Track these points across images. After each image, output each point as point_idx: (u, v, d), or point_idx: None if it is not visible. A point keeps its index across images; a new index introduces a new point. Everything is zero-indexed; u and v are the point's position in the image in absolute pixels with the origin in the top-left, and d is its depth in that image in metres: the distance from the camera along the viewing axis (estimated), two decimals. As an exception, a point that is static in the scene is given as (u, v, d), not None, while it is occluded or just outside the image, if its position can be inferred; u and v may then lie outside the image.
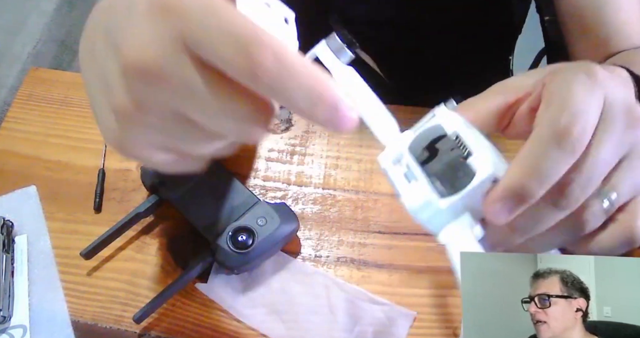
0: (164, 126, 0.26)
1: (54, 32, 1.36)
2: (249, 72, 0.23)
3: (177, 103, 0.25)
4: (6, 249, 0.52)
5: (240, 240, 0.49)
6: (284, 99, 0.24)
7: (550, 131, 0.29)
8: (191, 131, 0.26)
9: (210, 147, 0.28)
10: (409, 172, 0.29)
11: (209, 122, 0.25)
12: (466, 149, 0.30)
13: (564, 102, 0.30)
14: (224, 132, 0.25)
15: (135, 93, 0.25)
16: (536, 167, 0.29)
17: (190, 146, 0.28)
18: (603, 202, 0.31)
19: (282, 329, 0.49)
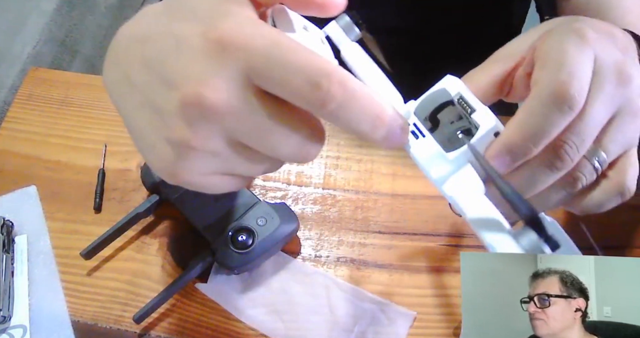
0: (222, 154, 0.27)
1: (54, 32, 1.36)
2: (319, 102, 0.25)
3: (238, 135, 0.26)
4: (6, 249, 0.52)
5: (240, 240, 0.49)
6: (346, 123, 0.26)
7: (548, 92, 0.30)
8: (249, 157, 0.28)
9: (264, 167, 0.29)
10: (416, 131, 0.31)
11: (269, 149, 0.27)
12: (469, 107, 0.31)
13: (558, 63, 0.30)
14: (282, 156, 0.27)
15: (197, 127, 0.26)
16: (533, 126, 0.30)
17: (245, 170, 0.29)
18: (594, 160, 0.32)
19: (282, 329, 0.49)
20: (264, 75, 0.25)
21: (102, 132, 0.61)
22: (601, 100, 0.31)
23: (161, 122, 0.27)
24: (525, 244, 0.29)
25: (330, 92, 0.25)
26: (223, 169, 0.29)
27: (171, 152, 0.27)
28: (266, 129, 0.26)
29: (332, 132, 0.60)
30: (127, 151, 0.59)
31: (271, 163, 0.29)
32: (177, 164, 0.28)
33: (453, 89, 0.32)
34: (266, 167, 0.29)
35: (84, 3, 1.46)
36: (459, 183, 0.31)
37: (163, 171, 0.29)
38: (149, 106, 0.27)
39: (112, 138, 0.60)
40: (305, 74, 0.24)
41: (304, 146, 0.27)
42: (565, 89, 0.29)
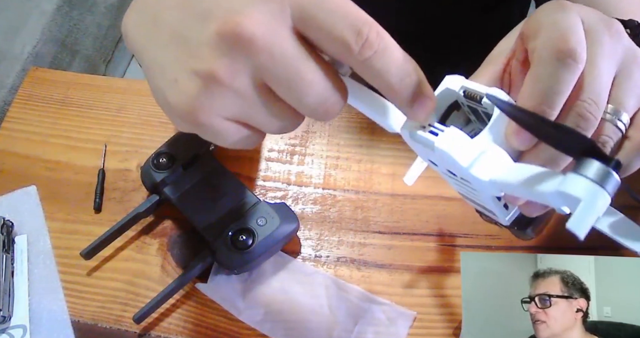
0: (246, 96, 0.27)
1: (54, 32, 1.36)
2: (357, 47, 0.26)
3: (268, 75, 0.26)
4: (6, 249, 0.52)
5: (240, 240, 0.49)
6: (377, 72, 0.27)
7: (548, 52, 0.30)
8: (271, 105, 0.28)
9: (281, 123, 0.29)
10: (434, 129, 0.31)
11: (295, 96, 0.27)
12: (478, 94, 0.31)
13: (550, 26, 0.31)
14: (306, 106, 0.27)
15: (228, 58, 0.26)
16: (543, 90, 0.30)
17: (264, 120, 0.29)
18: (615, 120, 0.32)
19: (282, 329, 0.49)
20: (310, 16, 0.26)
21: (102, 132, 0.61)
22: (602, 53, 0.31)
23: (189, 54, 0.27)
24: (592, 173, 0.26)
25: (370, 40, 0.26)
26: (242, 114, 0.28)
27: (195, 86, 0.27)
28: (296, 72, 0.26)
29: (332, 132, 0.60)
30: (127, 151, 0.59)
31: (290, 118, 0.29)
32: (198, 99, 0.27)
33: (455, 85, 0.32)
34: (284, 123, 0.29)
35: (84, 3, 1.46)
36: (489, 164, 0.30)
37: (181, 107, 0.28)
38: (178, 41, 0.27)
39: (112, 138, 0.60)
40: (349, 19, 0.26)
41: (328, 98, 0.27)
42: (564, 43, 0.30)
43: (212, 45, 0.26)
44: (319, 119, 0.28)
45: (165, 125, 0.61)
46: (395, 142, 0.59)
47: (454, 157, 0.30)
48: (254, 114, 0.28)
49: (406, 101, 0.28)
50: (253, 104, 0.28)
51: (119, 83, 0.65)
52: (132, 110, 0.62)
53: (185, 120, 0.28)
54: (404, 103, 0.28)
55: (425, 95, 0.28)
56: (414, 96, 0.28)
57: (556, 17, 0.31)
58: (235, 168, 0.57)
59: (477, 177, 0.30)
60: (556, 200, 0.27)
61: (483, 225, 0.54)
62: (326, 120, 0.29)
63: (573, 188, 0.26)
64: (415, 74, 0.28)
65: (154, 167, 0.53)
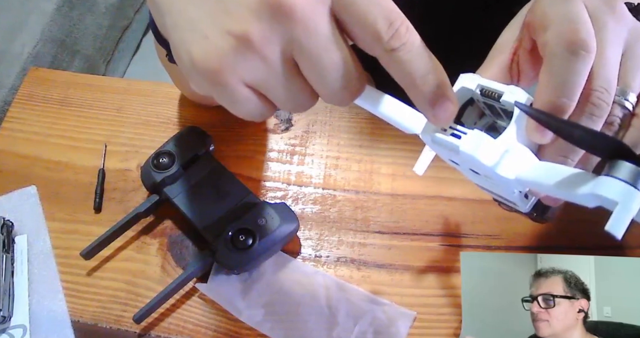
0: (272, 66, 0.28)
1: (54, 32, 1.36)
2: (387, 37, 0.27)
3: (298, 49, 0.27)
4: (6, 249, 0.52)
5: (240, 240, 0.49)
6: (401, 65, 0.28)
7: (560, 45, 0.31)
8: (292, 80, 0.28)
9: (295, 102, 0.30)
10: (456, 132, 0.31)
11: (318, 74, 0.28)
12: (495, 92, 0.32)
13: (557, 18, 0.31)
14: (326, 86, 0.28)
15: (265, 24, 0.27)
16: (560, 82, 0.30)
17: (281, 94, 0.29)
18: (622, 100, 0.33)
19: (282, 329, 0.49)
20: (350, 1, 0.27)
21: (101, 132, 0.61)
22: (609, 38, 0.32)
23: (226, 13, 0.27)
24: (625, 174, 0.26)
25: (399, 32, 0.27)
26: (263, 84, 0.29)
27: (226, 44, 0.27)
28: (326, 50, 0.27)
29: (332, 132, 0.60)
30: (127, 151, 0.59)
31: (306, 98, 0.29)
32: (226, 58, 0.27)
33: (471, 84, 0.32)
34: (299, 102, 0.30)
35: (84, 3, 1.46)
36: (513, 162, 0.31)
37: (207, 64, 0.28)
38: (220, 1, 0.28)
39: (111, 138, 0.60)
40: (384, 10, 0.27)
41: (350, 82, 0.28)
42: (575, 35, 0.30)
43: (252, 9, 0.27)
44: (334, 102, 0.29)
45: (165, 125, 0.61)
46: (395, 142, 0.59)
47: (479, 159, 0.30)
48: (274, 86, 0.29)
49: (428, 100, 0.28)
50: (277, 75, 0.28)
51: (119, 83, 0.65)
52: (132, 110, 0.62)
53: (206, 77, 0.28)
54: (425, 102, 0.29)
55: (448, 98, 0.29)
56: (436, 96, 0.28)
57: (562, 8, 0.32)
58: (235, 168, 0.57)
59: (503, 176, 0.30)
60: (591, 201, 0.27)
61: (483, 225, 0.54)
62: (340, 105, 0.30)
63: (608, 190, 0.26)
64: (439, 73, 0.28)
65: (154, 167, 0.53)
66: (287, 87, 0.29)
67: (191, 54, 0.28)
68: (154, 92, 0.63)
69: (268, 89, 0.29)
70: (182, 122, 0.61)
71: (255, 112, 0.30)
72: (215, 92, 0.29)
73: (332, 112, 0.61)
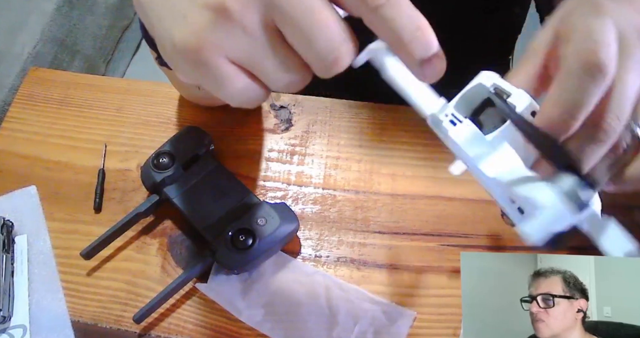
0: (254, 35, 0.27)
1: (54, 32, 1.36)
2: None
3: (279, 15, 0.26)
4: (6, 249, 0.52)
5: (240, 240, 0.49)
6: (387, 23, 0.26)
7: (578, 62, 0.30)
8: (277, 50, 0.27)
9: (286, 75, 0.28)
10: (454, 119, 0.32)
11: (304, 40, 0.26)
12: (505, 93, 0.32)
13: (582, 34, 0.31)
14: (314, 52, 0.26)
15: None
16: (569, 99, 0.30)
17: (269, 68, 0.28)
18: (633, 126, 0.32)
19: (282, 329, 0.49)
20: None
21: (101, 132, 0.61)
22: (632, 67, 0.31)
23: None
24: (565, 186, 0.28)
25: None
26: (248, 58, 0.27)
27: (204, 19, 0.26)
28: (310, 11, 0.25)
29: (332, 132, 0.60)
30: (127, 151, 0.59)
31: (297, 70, 0.28)
32: (205, 33, 0.26)
33: (488, 81, 0.33)
34: (290, 75, 0.28)
35: (84, 3, 1.46)
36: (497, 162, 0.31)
37: (187, 44, 0.27)
38: None
39: (111, 138, 0.60)
40: None
41: (340, 45, 0.26)
42: (594, 56, 0.30)
43: None
44: (325, 72, 0.27)
45: (165, 125, 0.61)
46: (395, 142, 0.59)
47: (463, 148, 0.30)
48: (259, 59, 0.27)
49: (416, 57, 0.27)
50: (260, 46, 0.27)
51: (119, 83, 0.65)
52: (132, 110, 0.62)
53: (188, 59, 0.27)
54: (413, 59, 0.27)
55: (437, 54, 0.27)
56: (425, 53, 0.27)
57: (590, 24, 0.31)
58: (235, 168, 0.57)
59: (483, 171, 0.31)
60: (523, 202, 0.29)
61: (483, 225, 0.54)
62: (332, 74, 0.27)
63: (538, 195, 0.28)
64: (426, 29, 0.27)
65: (154, 167, 0.53)
66: (273, 59, 0.27)
67: (173, 37, 0.27)
68: (154, 92, 0.63)
69: (253, 63, 0.28)
70: (182, 122, 0.61)
71: (246, 95, 0.29)
72: (201, 75, 0.28)
73: (332, 112, 0.61)
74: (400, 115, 0.61)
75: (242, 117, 0.61)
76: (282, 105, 0.62)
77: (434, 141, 0.58)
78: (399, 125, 0.60)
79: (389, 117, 0.61)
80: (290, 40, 0.27)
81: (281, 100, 0.62)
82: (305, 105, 0.62)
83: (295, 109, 0.61)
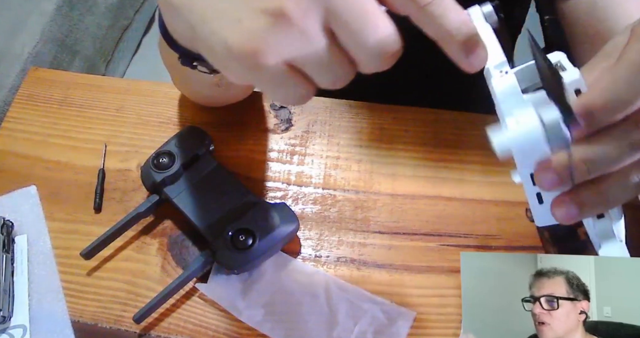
0: (312, 37, 0.28)
1: (54, 32, 1.36)
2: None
3: (336, 12, 0.27)
4: (6, 249, 0.52)
5: (240, 240, 0.49)
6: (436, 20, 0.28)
7: (637, 59, 0.30)
8: (330, 50, 0.28)
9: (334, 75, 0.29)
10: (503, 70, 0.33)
11: (357, 36, 0.28)
12: (563, 68, 0.33)
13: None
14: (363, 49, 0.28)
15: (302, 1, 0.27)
16: (617, 92, 0.30)
17: (320, 67, 0.29)
18: None
19: (282, 329, 0.49)
20: None
21: (102, 132, 0.61)
22: None
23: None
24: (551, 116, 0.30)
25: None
26: (302, 59, 0.29)
27: (262, 23, 0.27)
28: (364, 12, 0.27)
29: (332, 132, 0.60)
30: (127, 151, 0.59)
31: (344, 70, 0.29)
32: (264, 37, 0.27)
33: (555, 57, 0.34)
34: (338, 74, 0.29)
35: (84, 3, 1.46)
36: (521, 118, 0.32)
37: (244, 47, 0.28)
38: None
39: (112, 138, 0.60)
40: None
41: (390, 42, 0.28)
42: None
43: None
44: (373, 69, 0.29)
45: (165, 125, 0.61)
46: (395, 142, 0.59)
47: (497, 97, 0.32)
48: (314, 60, 0.28)
49: (463, 50, 0.29)
50: (317, 48, 0.28)
51: (119, 83, 0.65)
52: (132, 110, 0.62)
53: (244, 62, 0.28)
54: (461, 52, 0.29)
55: (480, 46, 0.29)
56: (471, 45, 0.29)
57: None
58: (235, 168, 0.57)
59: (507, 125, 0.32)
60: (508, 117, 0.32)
61: (483, 225, 0.54)
62: (379, 69, 0.29)
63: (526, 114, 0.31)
64: (469, 23, 0.29)
65: (154, 167, 0.53)
66: (327, 60, 0.29)
67: (226, 41, 0.28)
68: (154, 92, 0.63)
69: (308, 64, 0.29)
70: (182, 122, 0.61)
71: (298, 93, 0.30)
72: (256, 77, 0.29)
73: (332, 112, 0.61)
74: (400, 115, 0.61)
75: (242, 117, 0.61)
76: (282, 105, 0.62)
77: (434, 141, 0.59)
78: (399, 125, 0.60)
79: (389, 117, 0.61)
80: (342, 39, 0.28)
81: (281, 100, 0.62)
82: (305, 105, 0.62)
83: (295, 109, 0.61)
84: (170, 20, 0.35)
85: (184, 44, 0.37)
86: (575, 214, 0.35)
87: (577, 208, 0.34)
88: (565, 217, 0.35)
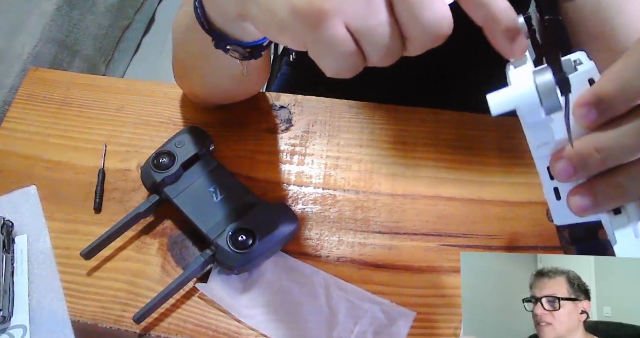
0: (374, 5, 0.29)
1: (54, 32, 1.36)
2: None
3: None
4: (6, 249, 0.52)
5: (240, 240, 0.49)
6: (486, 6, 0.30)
7: None
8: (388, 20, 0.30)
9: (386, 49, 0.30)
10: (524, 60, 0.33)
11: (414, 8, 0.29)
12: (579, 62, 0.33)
13: None
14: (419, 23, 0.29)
15: None
16: (629, 79, 0.29)
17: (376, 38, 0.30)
18: None
19: (282, 329, 0.49)
20: None
21: (102, 132, 0.61)
22: None
23: None
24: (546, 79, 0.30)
25: None
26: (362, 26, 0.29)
27: None
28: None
29: (332, 132, 0.60)
30: (127, 151, 0.59)
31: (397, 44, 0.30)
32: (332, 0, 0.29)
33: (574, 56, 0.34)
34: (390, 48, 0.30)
35: (84, 3, 1.46)
36: None
37: (311, 6, 0.29)
38: None
39: (112, 138, 0.60)
40: None
41: (444, 17, 0.29)
42: None
43: None
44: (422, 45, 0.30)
45: (165, 125, 0.61)
46: (395, 142, 0.59)
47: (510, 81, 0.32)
48: (372, 27, 0.30)
49: (507, 36, 0.31)
50: (376, 14, 0.29)
51: (119, 83, 0.65)
52: (132, 110, 0.62)
53: (308, 22, 0.29)
54: (505, 38, 0.31)
55: (522, 33, 0.31)
56: (515, 31, 0.31)
57: None
58: (236, 168, 0.57)
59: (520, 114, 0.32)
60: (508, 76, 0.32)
61: (483, 225, 0.54)
62: (427, 48, 0.31)
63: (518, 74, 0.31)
64: (513, 10, 0.30)
65: (154, 167, 0.53)
66: (384, 32, 0.30)
67: (292, 2, 0.29)
68: (154, 92, 0.63)
69: (365, 31, 0.30)
70: (182, 122, 0.61)
71: (349, 62, 0.31)
72: (313, 38, 0.30)
73: (332, 112, 0.61)
74: (400, 115, 0.61)
75: (242, 117, 0.61)
76: (282, 105, 0.62)
77: (434, 141, 0.59)
78: (399, 125, 0.60)
79: (389, 117, 0.61)
80: (401, 14, 0.29)
81: (281, 100, 0.62)
82: (305, 105, 0.62)
83: (295, 109, 0.61)
84: None
85: (220, 26, 0.38)
86: (590, 205, 0.34)
87: (592, 199, 0.33)
88: (579, 208, 0.34)
